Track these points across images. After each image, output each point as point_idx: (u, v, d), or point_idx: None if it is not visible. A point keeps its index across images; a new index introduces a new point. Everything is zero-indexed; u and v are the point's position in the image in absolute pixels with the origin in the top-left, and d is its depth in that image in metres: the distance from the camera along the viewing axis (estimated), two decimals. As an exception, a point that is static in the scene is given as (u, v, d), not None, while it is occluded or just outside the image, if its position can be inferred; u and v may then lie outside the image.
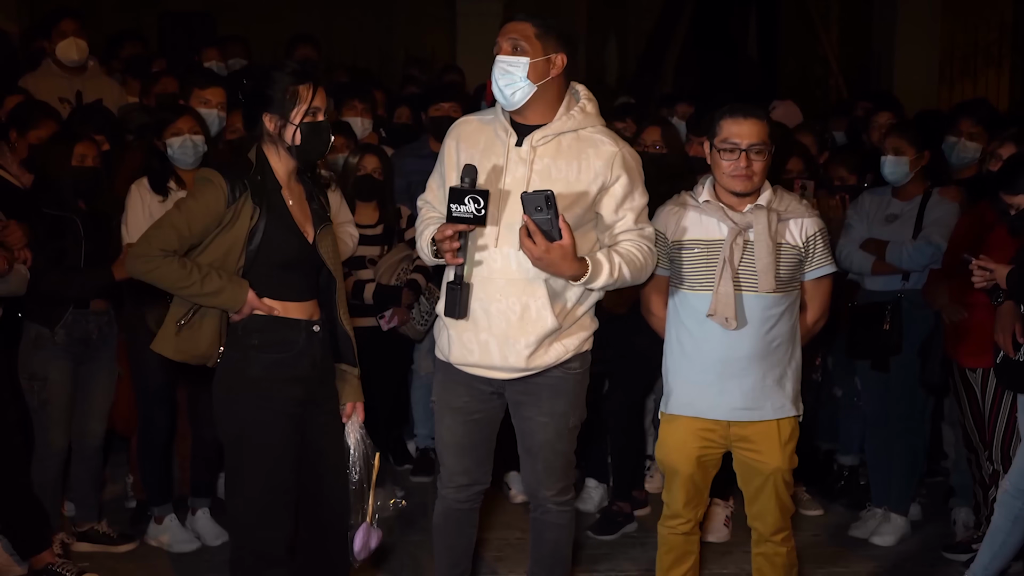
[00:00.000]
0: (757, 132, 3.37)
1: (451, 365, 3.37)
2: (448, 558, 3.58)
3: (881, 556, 4.60)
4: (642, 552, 4.55)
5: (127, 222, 4.33)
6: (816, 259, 3.50)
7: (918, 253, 4.55)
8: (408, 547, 4.56)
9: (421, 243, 3.38)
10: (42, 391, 4.24)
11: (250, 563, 3.23)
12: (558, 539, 3.54)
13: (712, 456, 3.57)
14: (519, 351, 3.24)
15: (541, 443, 3.39)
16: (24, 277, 4.07)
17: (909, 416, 4.69)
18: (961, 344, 4.38)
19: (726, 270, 3.37)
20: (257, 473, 3.20)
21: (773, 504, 3.55)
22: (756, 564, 3.68)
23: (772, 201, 3.45)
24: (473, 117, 3.43)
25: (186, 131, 4.37)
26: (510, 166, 3.23)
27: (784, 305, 3.44)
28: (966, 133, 4.88)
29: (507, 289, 3.22)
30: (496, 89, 3.23)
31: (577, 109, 3.30)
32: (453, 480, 3.47)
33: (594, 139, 3.28)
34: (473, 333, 3.27)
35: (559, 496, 3.48)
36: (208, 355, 3.23)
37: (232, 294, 3.15)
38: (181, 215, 3.15)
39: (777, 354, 3.46)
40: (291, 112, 3.16)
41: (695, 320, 3.45)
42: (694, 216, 3.48)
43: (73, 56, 5.69)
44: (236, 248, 3.15)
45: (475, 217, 3.08)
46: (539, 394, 3.33)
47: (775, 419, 3.48)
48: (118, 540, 4.51)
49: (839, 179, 5.07)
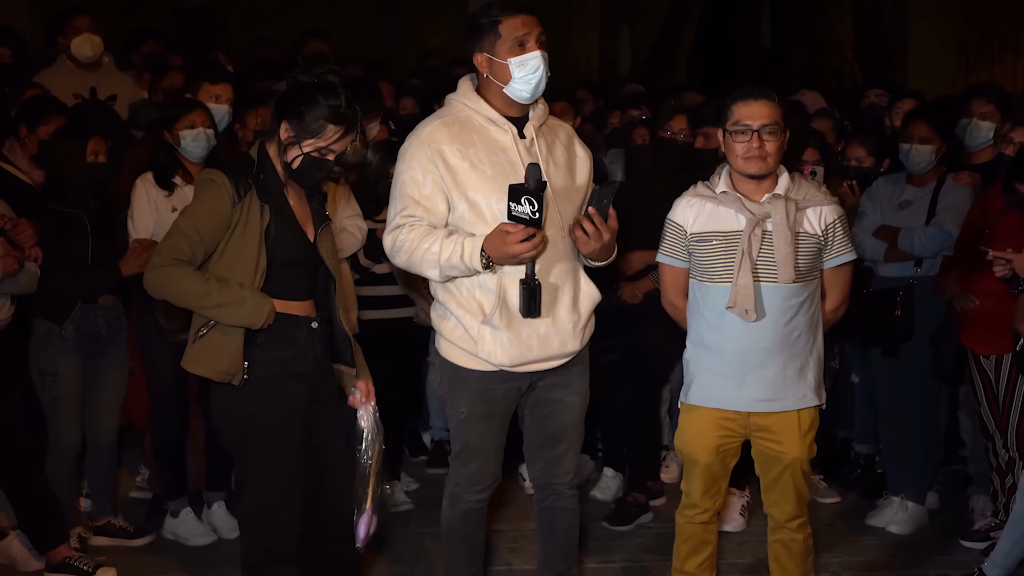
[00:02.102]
0: (768, 113, 3.35)
1: (494, 372, 3.27)
2: (467, 556, 3.56)
3: (898, 544, 4.58)
4: (657, 542, 4.53)
5: (133, 217, 4.35)
6: (836, 247, 3.46)
7: (930, 240, 4.51)
8: (423, 539, 4.56)
9: (453, 258, 3.15)
10: (53, 386, 4.25)
11: (261, 561, 3.23)
12: (570, 524, 3.56)
13: (731, 446, 3.55)
14: (576, 333, 3.32)
15: (567, 425, 3.42)
16: (35, 275, 4.08)
17: (922, 404, 4.66)
18: (974, 331, 4.35)
19: (745, 261, 3.34)
20: (266, 472, 3.19)
21: (791, 492, 3.53)
22: (773, 551, 3.67)
23: (790, 190, 3.42)
24: (446, 119, 3.29)
25: (199, 124, 4.38)
26: (522, 158, 3.23)
27: (804, 295, 3.41)
28: (978, 113, 4.81)
29: (560, 275, 3.28)
30: (535, 83, 3.21)
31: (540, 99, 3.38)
32: (477, 484, 3.42)
33: (557, 124, 3.44)
34: (533, 328, 3.24)
35: (573, 480, 3.51)
36: (230, 372, 3.14)
37: (255, 306, 3.10)
38: (187, 220, 3.11)
39: (798, 344, 3.43)
40: (307, 139, 3.13)
41: (715, 312, 3.43)
42: (711, 207, 3.45)
43: (87, 52, 5.71)
44: (252, 248, 3.12)
45: (530, 219, 3.04)
46: (570, 373, 3.39)
47: (796, 409, 3.45)
48: (135, 534, 4.53)
49: (856, 159, 5.03)
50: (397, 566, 4.34)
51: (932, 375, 4.59)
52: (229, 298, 3.06)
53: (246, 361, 3.13)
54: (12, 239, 4.01)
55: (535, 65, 3.20)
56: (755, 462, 3.60)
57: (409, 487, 5.11)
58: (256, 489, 3.20)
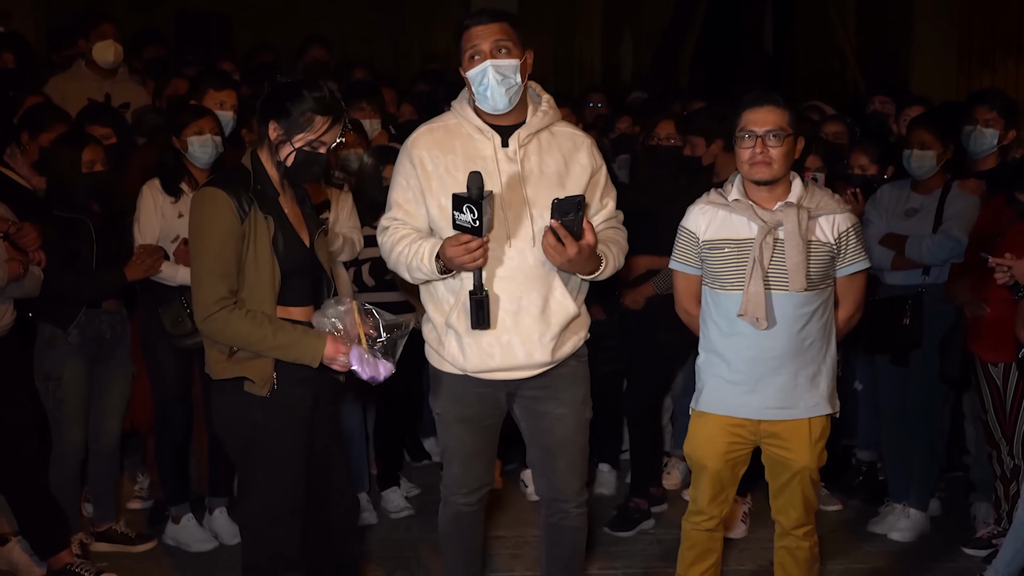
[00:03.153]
0: (773, 118, 3.33)
1: (462, 375, 3.31)
2: (461, 560, 3.57)
3: (900, 551, 4.57)
4: (659, 548, 4.54)
5: (139, 222, 4.35)
6: (849, 255, 3.44)
7: (937, 248, 4.49)
8: (424, 544, 4.56)
9: (415, 260, 3.22)
10: (57, 391, 4.25)
11: (265, 566, 3.22)
12: (576, 541, 3.53)
13: (740, 453, 3.54)
14: (544, 344, 3.24)
15: (562, 439, 3.37)
16: (38, 279, 4.09)
17: (927, 411, 4.65)
18: (983, 339, 4.34)
19: (756, 270, 3.33)
20: (271, 477, 3.18)
21: (798, 499, 3.53)
22: (778, 558, 3.67)
23: (803, 198, 3.40)
24: (433, 125, 3.32)
25: (207, 131, 4.39)
26: (501, 167, 3.22)
27: (816, 303, 3.40)
28: (982, 120, 4.79)
29: (527, 285, 3.22)
30: (489, 95, 3.18)
31: (545, 105, 3.33)
32: (463, 487, 3.45)
33: (566, 133, 3.35)
34: (494, 336, 3.22)
35: (578, 497, 3.46)
36: (263, 378, 3.13)
37: (309, 346, 3.11)
38: (207, 256, 3.07)
39: (810, 352, 3.41)
40: (296, 134, 3.13)
41: (726, 319, 3.43)
42: (724, 215, 3.44)
43: (109, 58, 5.73)
44: (267, 262, 3.11)
45: (472, 227, 3.04)
46: (556, 386, 3.32)
47: (807, 418, 3.44)
48: (136, 540, 4.53)
49: (860, 167, 5.03)
50: (399, 572, 4.33)
51: (939, 380, 4.58)
52: (283, 341, 3.09)
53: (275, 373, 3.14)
54: (16, 243, 4.02)
55: (481, 78, 3.18)
56: (765, 468, 3.59)
57: (410, 492, 5.11)
58: (260, 494, 3.20)
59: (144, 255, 4.26)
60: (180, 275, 4.27)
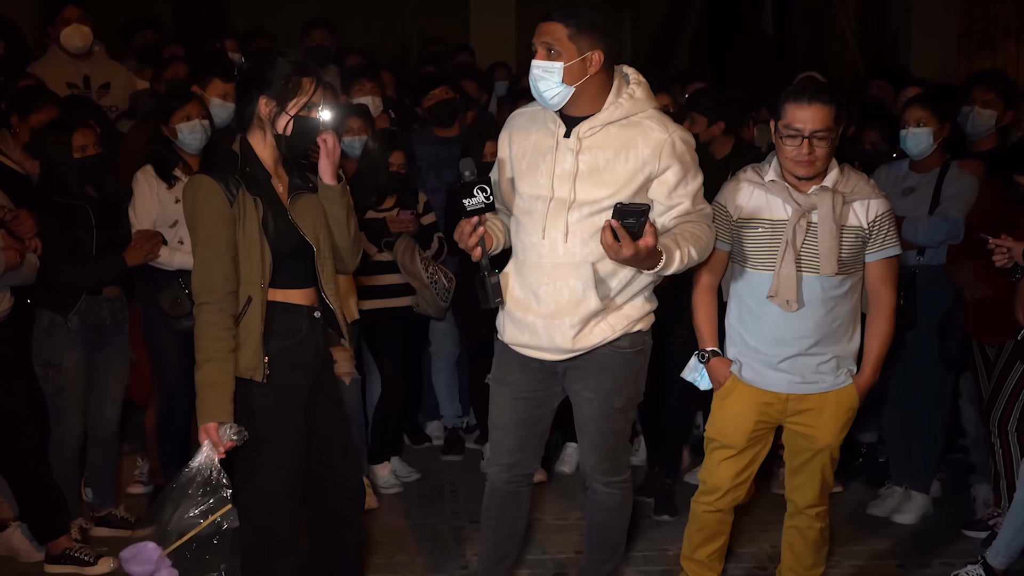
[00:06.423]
0: (821, 118, 3.28)
1: (504, 344, 3.43)
2: (491, 540, 3.59)
3: (901, 534, 4.58)
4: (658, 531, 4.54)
5: (135, 208, 4.35)
6: (882, 240, 3.43)
7: (934, 229, 4.47)
8: (425, 529, 4.57)
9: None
10: (57, 377, 4.24)
11: (263, 552, 3.22)
12: (603, 521, 3.56)
13: (764, 431, 3.56)
14: (565, 332, 3.27)
15: (587, 419, 3.43)
16: (34, 266, 4.07)
17: (927, 393, 4.64)
18: (982, 320, 4.33)
19: (788, 252, 3.34)
20: (270, 464, 3.17)
21: (817, 479, 3.56)
22: (787, 537, 3.68)
23: (838, 182, 3.39)
24: (526, 109, 3.40)
25: (195, 116, 4.40)
26: (559, 157, 3.24)
27: (846, 286, 3.41)
28: (980, 101, 4.77)
29: (554, 273, 3.26)
30: (534, 91, 3.23)
31: (626, 96, 3.26)
32: (499, 458, 3.50)
33: (644, 125, 3.24)
34: (523, 314, 3.32)
35: (604, 476, 3.49)
36: (251, 367, 3.11)
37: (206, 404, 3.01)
38: (199, 242, 3.07)
39: (838, 334, 3.44)
40: (289, 101, 3.12)
41: (756, 299, 3.44)
42: (760, 194, 3.44)
43: (77, 43, 5.68)
44: (255, 244, 3.08)
45: (486, 205, 3.14)
46: (587, 369, 3.37)
47: (834, 391, 3.46)
48: (136, 524, 4.53)
49: (871, 144, 5.00)
50: (399, 556, 4.34)
51: (939, 361, 4.57)
52: (205, 376, 3.02)
53: (266, 356, 3.12)
54: (12, 230, 4.00)
55: (531, 74, 3.22)
56: (785, 447, 3.62)
57: (410, 477, 5.11)
58: (258, 479, 3.18)
59: (143, 240, 4.27)
60: (177, 259, 4.28)
